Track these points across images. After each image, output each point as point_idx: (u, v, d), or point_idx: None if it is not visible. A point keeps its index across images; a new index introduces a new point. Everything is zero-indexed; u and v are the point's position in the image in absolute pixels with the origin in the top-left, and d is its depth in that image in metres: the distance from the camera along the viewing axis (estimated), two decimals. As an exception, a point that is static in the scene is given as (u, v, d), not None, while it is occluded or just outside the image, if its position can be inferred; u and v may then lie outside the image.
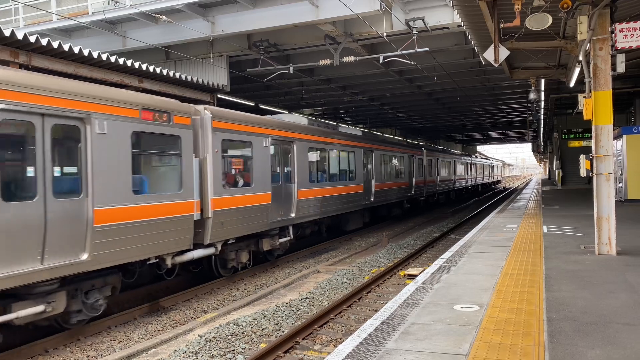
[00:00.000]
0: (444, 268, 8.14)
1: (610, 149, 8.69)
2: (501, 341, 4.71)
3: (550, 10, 8.90)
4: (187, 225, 9.40)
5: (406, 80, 23.43)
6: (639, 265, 7.89)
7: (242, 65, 18.70)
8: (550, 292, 6.39)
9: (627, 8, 9.47)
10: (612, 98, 8.71)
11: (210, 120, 10.22)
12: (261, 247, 12.34)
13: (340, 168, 17.21)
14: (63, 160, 7.36)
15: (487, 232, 12.46)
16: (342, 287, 10.93)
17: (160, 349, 7.51)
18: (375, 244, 17.19)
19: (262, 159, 12.11)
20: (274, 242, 12.74)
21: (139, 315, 9.13)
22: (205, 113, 10.21)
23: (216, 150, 10.28)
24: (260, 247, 12.33)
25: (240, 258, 11.63)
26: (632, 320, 5.17)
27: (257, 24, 14.95)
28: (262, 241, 12.34)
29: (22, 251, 6.45)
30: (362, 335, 5.04)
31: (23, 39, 9.20)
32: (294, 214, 13.51)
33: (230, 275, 11.69)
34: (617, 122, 22.20)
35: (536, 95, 20.55)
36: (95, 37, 16.52)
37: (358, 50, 16.75)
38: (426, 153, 29.03)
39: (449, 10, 13.96)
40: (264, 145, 12.16)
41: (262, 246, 12.34)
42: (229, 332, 7.86)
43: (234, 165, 11.67)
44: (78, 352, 7.47)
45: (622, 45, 8.55)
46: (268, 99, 26.56)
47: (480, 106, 33.42)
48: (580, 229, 12.23)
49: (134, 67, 11.65)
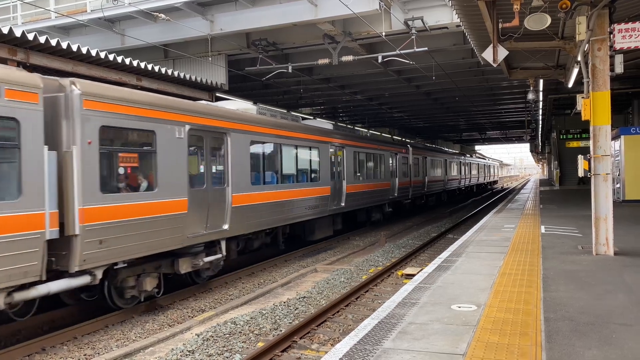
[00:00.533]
0: (442, 268, 8.15)
1: (608, 150, 8.70)
2: (498, 341, 4.71)
3: (549, 11, 8.91)
4: (31, 248, 6.76)
5: (405, 80, 23.45)
6: (636, 265, 7.90)
7: (240, 64, 18.69)
8: (548, 292, 6.40)
9: (626, 9, 9.48)
10: (610, 99, 8.72)
11: (80, 99, 7.47)
12: (178, 269, 9.58)
13: (299, 167, 14.31)
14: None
15: (485, 232, 12.47)
16: (340, 286, 10.93)
17: (158, 348, 7.50)
18: (373, 243, 17.19)
19: (174, 155, 9.20)
20: (197, 262, 9.92)
21: (136, 314, 9.11)
22: (71, 89, 7.44)
23: (89, 142, 7.60)
24: (177, 269, 9.59)
25: (143, 285, 8.92)
26: (629, 321, 5.18)
27: (256, 23, 14.95)
28: (178, 261, 9.57)
29: None
30: (360, 334, 5.04)
31: (21, 37, 9.17)
32: (228, 225, 10.65)
33: (134, 305, 9.06)
34: (616, 122, 22.24)
35: (534, 96, 20.61)
36: (93, 35, 16.50)
37: (357, 50, 16.74)
38: (412, 151, 26.54)
39: (448, 10, 13.96)
40: (176, 137, 9.29)
41: (179, 268, 9.58)
42: (226, 331, 7.86)
43: (125, 162, 8.67)
44: (75, 350, 7.46)
45: (621, 45, 8.57)
46: (267, 98, 26.55)
47: (478, 106, 33.46)
48: (578, 229, 12.25)
49: (133, 65, 11.63)
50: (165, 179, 9.00)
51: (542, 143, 57.16)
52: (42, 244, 6.91)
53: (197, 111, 9.97)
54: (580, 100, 9.10)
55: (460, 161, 42.04)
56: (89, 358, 7.18)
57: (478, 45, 12.60)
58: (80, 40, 16.08)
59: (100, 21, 15.53)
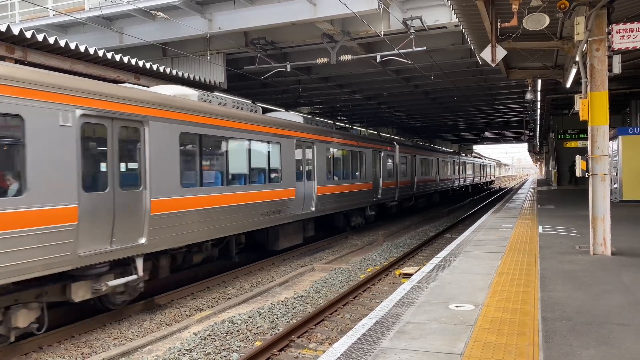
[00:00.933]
0: (440, 267, 8.15)
1: (605, 150, 8.71)
2: (496, 340, 4.72)
3: (547, 11, 8.91)
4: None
5: (403, 80, 23.45)
6: (634, 265, 7.92)
7: (239, 62, 18.67)
8: (545, 291, 6.41)
9: (624, 9, 9.49)
10: (608, 99, 8.74)
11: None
12: (70, 296, 7.59)
13: (253, 166, 12.07)
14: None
15: (483, 231, 12.48)
16: (338, 285, 10.94)
17: (155, 347, 7.50)
18: (371, 242, 17.20)
19: (55, 149, 7.03)
20: (99, 287, 7.79)
21: (134, 312, 9.11)
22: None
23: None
24: (69, 296, 7.59)
25: (13, 321, 6.87)
26: (627, 321, 5.18)
27: (255, 22, 14.93)
28: (71, 287, 7.58)
29: None
30: (357, 333, 5.04)
31: (19, 35, 9.17)
32: (146, 238, 8.47)
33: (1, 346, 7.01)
34: (614, 123, 22.29)
35: (533, 96, 20.59)
36: (91, 33, 16.46)
37: (355, 49, 16.74)
38: (399, 149, 24.57)
39: (447, 9, 13.97)
40: (60, 124, 7.09)
41: (71, 295, 7.58)
42: (224, 330, 7.86)
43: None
44: (72, 349, 7.45)
45: (619, 46, 8.57)
46: (265, 97, 26.54)
47: (476, 106, 33.49)
48: (576, 229, 12.27)
49: (131, 63, 11.63)
50: (41, 180, 6.80)
51: (540, 143, 57.25)
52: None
53: (94, 92, 7.67)
54: (578, 101, 9.10)
55: (455, 160, 40.54)
56: (86, 357, 7.17)
57: (476, 45, 12.60)
58: (78, 38, 16.04)
59: (99, 19, 15.50)
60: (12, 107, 6.51)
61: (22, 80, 6.66)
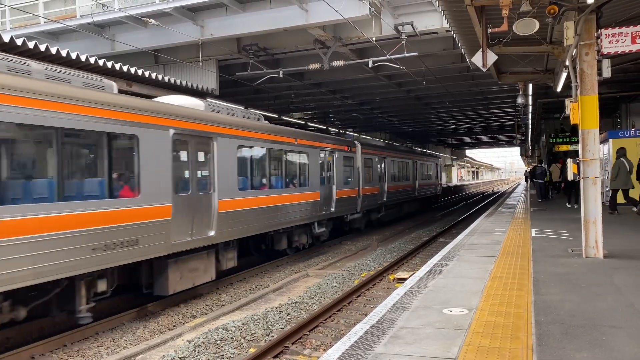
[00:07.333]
0: (433, 272, 8.16)
1: (596, 153, 8.77)
2: (490, 344, 4.73)
3: (537, 16, 8.98)
4: None
5: (395, 85, 23.55)
6: (626, 268, 7.96)
7: (231, 69, 18.67)
8: (539, 295, 6.43)
9: (612, 14, 9.58)
10: (598, 103, 8.81)
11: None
12: None
13: (91, 174, 8.21)
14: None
15: (476, 235, 12.51)
16: (332, 291, 10.92)
17: (149, 355, 7.45)
18: (365, 247, 17.20)
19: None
20: None
21: (127, 320, 9.04)
22: None
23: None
24: None
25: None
26: (619, 323, 5.21)
27: (247, 28, 14.95)
28: None
29: None
30: (352, 339, 5.03)
31: (10, 42, 9.13)
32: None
33: None
34: (604, 126, 22.40)
35: (524, 100, 20.75)
36: (83, 41, 16.42)
37: (347, 55, 16.80)
38: (362, 149, 20.35)
39: (438, 15, 14.05)
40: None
41: None
42: (218, 337, 7.82)
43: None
44: (65, 358, 7.38)
45: (608, 50, 8.66)
46: (258, 103, 26.54)
47: (468, 110, 33.68)
48: (568, 232, 12.32)
49: (123, 70, 11.60)
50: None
51: (532, 147, 57.53)
52: None
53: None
54: (568, 104, 9.17)
55: (437, 163, 36.90)
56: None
57: (468, 50, 12.69)
58: (69, 45, 15.97)
59: (90, 26, 15.47)
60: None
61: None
